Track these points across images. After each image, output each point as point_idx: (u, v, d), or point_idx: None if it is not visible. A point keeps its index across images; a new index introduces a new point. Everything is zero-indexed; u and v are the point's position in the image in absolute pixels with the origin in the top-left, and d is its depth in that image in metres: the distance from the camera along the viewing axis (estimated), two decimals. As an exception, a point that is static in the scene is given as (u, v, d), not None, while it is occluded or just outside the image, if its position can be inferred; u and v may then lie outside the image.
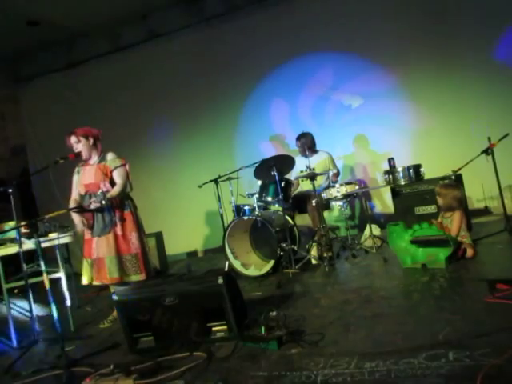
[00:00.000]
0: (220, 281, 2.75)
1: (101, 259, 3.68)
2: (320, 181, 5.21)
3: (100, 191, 3.61)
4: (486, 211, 5.61)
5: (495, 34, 5.59)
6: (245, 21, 6.67)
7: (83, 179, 3.78)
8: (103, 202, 3.51)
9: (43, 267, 3.10)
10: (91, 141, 3.77)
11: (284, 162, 4.66)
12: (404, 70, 6.06)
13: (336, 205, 5.10)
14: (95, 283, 3.73)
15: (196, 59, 6.98)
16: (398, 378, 1.99)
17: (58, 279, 3.78)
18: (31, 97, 7.96)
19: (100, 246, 3.68)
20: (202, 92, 6.95)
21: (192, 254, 7.13)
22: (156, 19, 7.11)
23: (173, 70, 7.09)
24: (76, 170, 3.91)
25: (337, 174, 5.40)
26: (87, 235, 3.77)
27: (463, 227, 3.89)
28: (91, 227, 3.71)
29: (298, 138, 5.37)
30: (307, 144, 5.24)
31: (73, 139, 3.75)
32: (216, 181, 5.01)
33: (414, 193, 4.79)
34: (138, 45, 7.25)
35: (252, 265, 4.76)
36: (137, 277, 3.69)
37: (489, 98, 5.62)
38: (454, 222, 3.86)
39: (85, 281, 3.75)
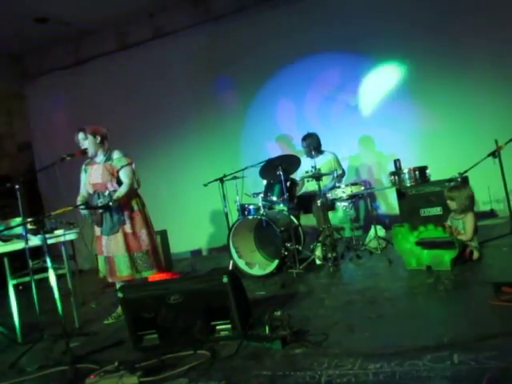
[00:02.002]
0: (225, 279, 2.76)
1: (110, 258, 3.73)
2: (325, 181, 5.20)
3: (107, 192, 3.64)
4: (491, 214, 5.59)
5: (503, 34, 5.55)
6: (252, 20, 6.65)
7: (91, 179, 3.82)
8: (110, 204, 3.55)
9: (49, 264, 3.11)
10: (98, 139, 3.80)
11: (290, 162, 4.67)
12: (410, 71, 6.03)
13: (341, 205, 5.09)
14: (109, 280, 3.78)
15: (203, 58, 6.98)
16: (402, 380, 1.99)
17: (63, 276, 3.80)
18: (38, 94, 7.98)
19: (109, 245, 3.73)
20: (208, 90, 6.95)
21: (196, 253, 7.13)
22: (163, 18, 7.11)
23: (179, 68, 7.08)
24: (83, 168, 3.94)
25: (342, 175, 5.39)
26: (97, 232, 3.81)
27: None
28: (100, 224, 3.73)
29: (304, 139, 5.38)
30: (313, 144, 5.24)
31: (80, 136, 3.79)
32: (221, 180, 5.01)
33: (419, 194, 4.76)
34: (145, 43, 7.25)
35: (256, 264, 4.76)
36: (148, 273, 3.74)
37: (496, 100, 5.58)
38: (467, 224, 3.83)
39: (101, 274, 3.86)
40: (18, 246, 3.61)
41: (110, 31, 7.36)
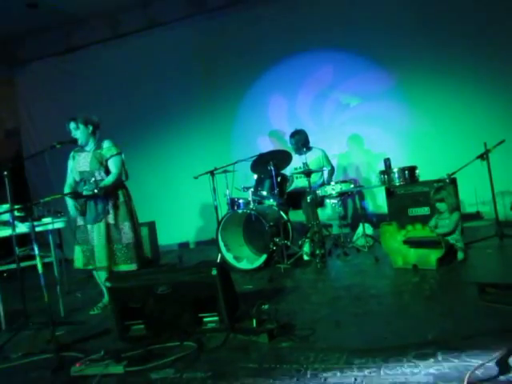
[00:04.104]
0: (214, 272, 2.76)
1: (92, 247, 3.69)
2: (314, 178, 5.22)
3: (93, 179, 3.61)
4: (477, 216, 5.66)
5: (494, 38, 5.61)
6: (246, 14, 6.65)
7: (78, 166, 3.78)
8: (96, 191, 3.51)
9: (36, 251, 3.08)
10: (90, 128, 3.76)
11: (281, 158, 4.68)
12: (402, 71, 6.08)
13: (330, 202, 5.12)
14: (90, 267, 3.74)
15: (196, 50, 6.95)
16: (386, 375, 2.02)
17: (49, 264, 3.76)
18: (27, 80, 7.88)
19: (91, 234, 3.70)
20: (200, 83, 6.92)
21: (184, 245, 7.12)
22: (157, 8, 7.06)
23: (172, 59, 7.05)
24: (71, 155, 3.89)
25: (331, 171, 5.42)
26: (80, 221, 3.77)
27: (459, 230, 3.92)
28: (84, 214, 3.70)
29: (292, 136, 5.38)
30: (301, 141, 5.25)
31: (72, 125, 3.75)
32: (212, 173, 5.00)
33: (408, 194, 4.82)
34: (137, 32, 7.20)
35: (244, 258, 4.78)
36: (126, 266, 3.69)
37: (486, 103, 5.66)
38: (452, 220, 3.89)
39: (76, 265, 3.77)
40: (4, 232, 3.57)
41: (102, 19, 7.29)
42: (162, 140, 7.13)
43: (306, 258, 4.63)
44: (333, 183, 4.82)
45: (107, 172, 3.74)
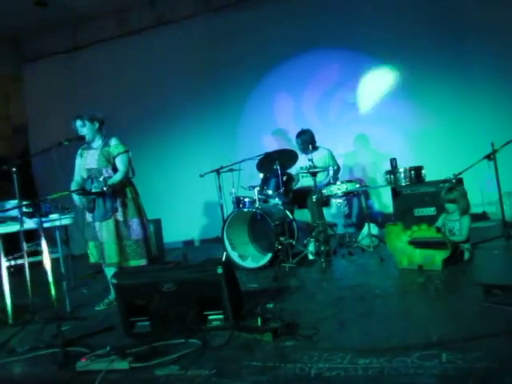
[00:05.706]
0: (219, 270, 2.77)
1: (101, 244, 3.73)
2: (320, 177, 5.21)
3: (102, 178, 3.64)
4: (483, 216, 5.63)
5: (503, 37, 5.58)
6: (253, 13, 6.64)
7: (86, 163, 3.81)
8: (104, 189, 3.54)
9: (45, 247, 3.11)
10: (96, 125, 3.79)
11: (287, 157, 4.68)
12: (408, 71, 6.06)
13: (335, 202, 5.11)
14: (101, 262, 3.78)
15: (203, 48, 6.95)
16: (390, 376, 2.02)
17: (56, 260, 3.79)
18: (36, 77, 7.91)
19: (101, 231, 3.73)
20: (206, 81, 6.93)
21: (189, 243, 7.14)
22: (164, 6, 7.07)
23: (179, 57, 7.05)
24: (79, 152, 3.92)
25: (337, 171, 5.42)
26: (89, 218, 3.80)
27: None
28: (92, 210, 3.73)
29: (298, 136, 5.38)
30: (307, 141, 5.24)
31: (78, 123, 3.77)
32: (218, 171, 5.01)
33: (414, 194, 4.80)
34: (145, 30, 7.22)
35: (249, 257, 4.79)
36: (136, 262, 3.73)
37: (493, 102, 5.62)
38: (465, 225, 3.87)
39: (91, 260, 3.85)
40: (12, 228, 3.60)
41: (110, 17, 7.31)
42: (168, 138, 7.15)
43: (310, 257, 4.63)
44: (338, 183, 4.82)
45: (114, 169, 3.77)
